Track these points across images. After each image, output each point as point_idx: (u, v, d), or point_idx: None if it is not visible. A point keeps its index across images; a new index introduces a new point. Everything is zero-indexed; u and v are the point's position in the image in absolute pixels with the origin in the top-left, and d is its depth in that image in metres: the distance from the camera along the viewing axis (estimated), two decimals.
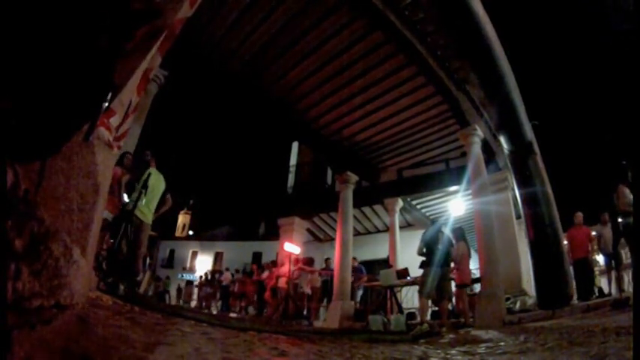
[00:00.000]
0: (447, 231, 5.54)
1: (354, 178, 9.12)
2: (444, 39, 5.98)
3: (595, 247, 7.52)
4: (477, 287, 7.17)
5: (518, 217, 8.34)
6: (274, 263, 9.85)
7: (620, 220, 6.08)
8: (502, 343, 2.97)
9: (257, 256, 22.79)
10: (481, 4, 5.53)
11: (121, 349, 1.23)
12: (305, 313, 8.25)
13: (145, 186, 3.94)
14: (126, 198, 4.29)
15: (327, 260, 9.54)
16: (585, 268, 6.68)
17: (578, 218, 7.09)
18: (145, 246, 4.18)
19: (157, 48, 1.66)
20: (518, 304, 6.59)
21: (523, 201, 6.95)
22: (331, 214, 11.48)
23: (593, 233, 7.84)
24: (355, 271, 8.65)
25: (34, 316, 0.87)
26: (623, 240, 6.30)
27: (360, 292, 8.77)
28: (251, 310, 10.91)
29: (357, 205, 9.56)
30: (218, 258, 26.51)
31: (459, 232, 6.30)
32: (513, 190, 7.83)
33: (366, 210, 11.47)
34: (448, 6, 5.37)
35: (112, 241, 4.07)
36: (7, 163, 0.76)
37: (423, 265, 5.27)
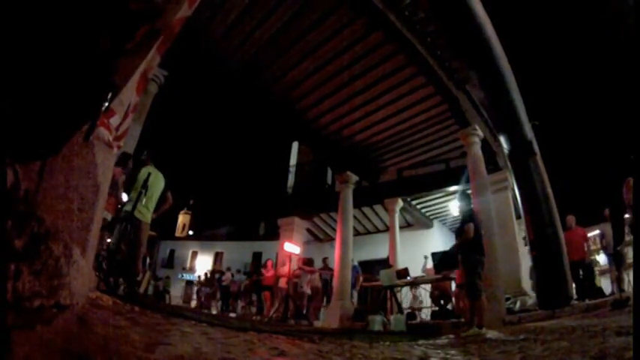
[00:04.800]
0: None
1: (354, 178, 9.13)
2: (444, 39, 5.98)
3: (597, 246, 7.47)
4: None
5: (518, 217, 8.35)
6: (274, 265, 9.84)
7: (627, 215, 5.96)
8: (502, 343, 2.97)
9: (257, 256, 22.76)
10: (481, 4, 5.54)
11: (121, 349, 1.23)
12: (305, 313, 8.25)
13: (145, 186, 3.94)
14: (125, 198, 4.28)
15: (324, 259, 9.53)
16: (583, 270, 6.67)
17: (570, 221, 7.07)
18: (144, 246, 4.17)
19: (156, 48, 1.66)
20: (518, 304, 6.59)
21: (523, 201, 6.95)
22: (331, 214, 11.48)
23: (596, 232, 7.80)
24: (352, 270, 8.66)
25: (34, 316, 0.87)
26: (628, 238, 6.22)
27: (354, 292, 8.77)
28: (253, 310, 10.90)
29: (357, 205, 9.56)
30: (218, 258, 26.48)
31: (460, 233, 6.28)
32: (513, 190, 7.84)
33: (366, 210, 11.48)
34: (448, 6, 5.37)
35: (110, 241, 4.07)
36: (7, 163, 0.76)
37: (478, 253, 4.29)
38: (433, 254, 4.93)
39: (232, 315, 9.90)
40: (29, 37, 0.77)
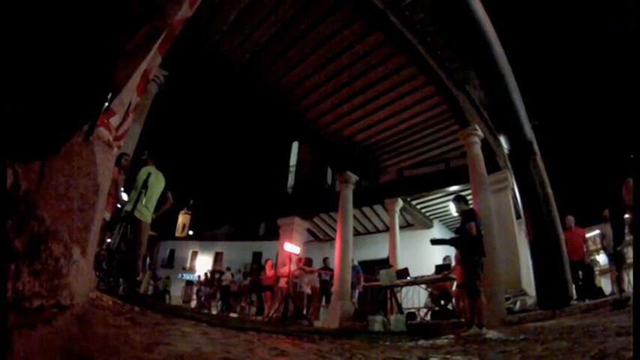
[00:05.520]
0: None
1: (354, 178, 9.13)
2: (444, 39, 5.99)
3: (597, 246, 7.46)
4: None
5: (518, 217, 8.35)
6: (274, 265, 9.84)
7: (626, 216, 5.96)
8: (502, 343, 2.96)
9: (257, 256, 22.78)
10: (481, 4, 5.54)
11: (121, 349, 1.23)
12: (305, 313, 8.25)
13: (145, 186, 3.94)
14: (125, 197, 4.28)
15: (325, 260, 9.53)
16: (582, 270, 6.67)
17: (569, 221, 7.07)
18: (144, 246, 4.17)
19: (156, 48, 1.66)
20: (518, 304, 6.59)
21: (523, 201, 6.95)
22: (331, 214, 11.49)
23: (596, 232, 7.80)
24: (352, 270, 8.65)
25: (34, 316, 0.87)
26: (628, 238, 6.22)
27: (356, 292, 8.77)
28: (253, 310, 10.91)
29: (357, 205, 9.56)
30: (218, 258, 26.49)
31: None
32: (513, 190, 7.84)
33: (366, 210, 11.48)
34: (448, 6, 5.37)
35: (108, 241, 4.07)
36: (7, 163, 0.76)
37: (478, 254, 4.26)
38: (433, 240, 4.84)
39: (232, 315, 9.90)
40: (30, 36, 0.77)
